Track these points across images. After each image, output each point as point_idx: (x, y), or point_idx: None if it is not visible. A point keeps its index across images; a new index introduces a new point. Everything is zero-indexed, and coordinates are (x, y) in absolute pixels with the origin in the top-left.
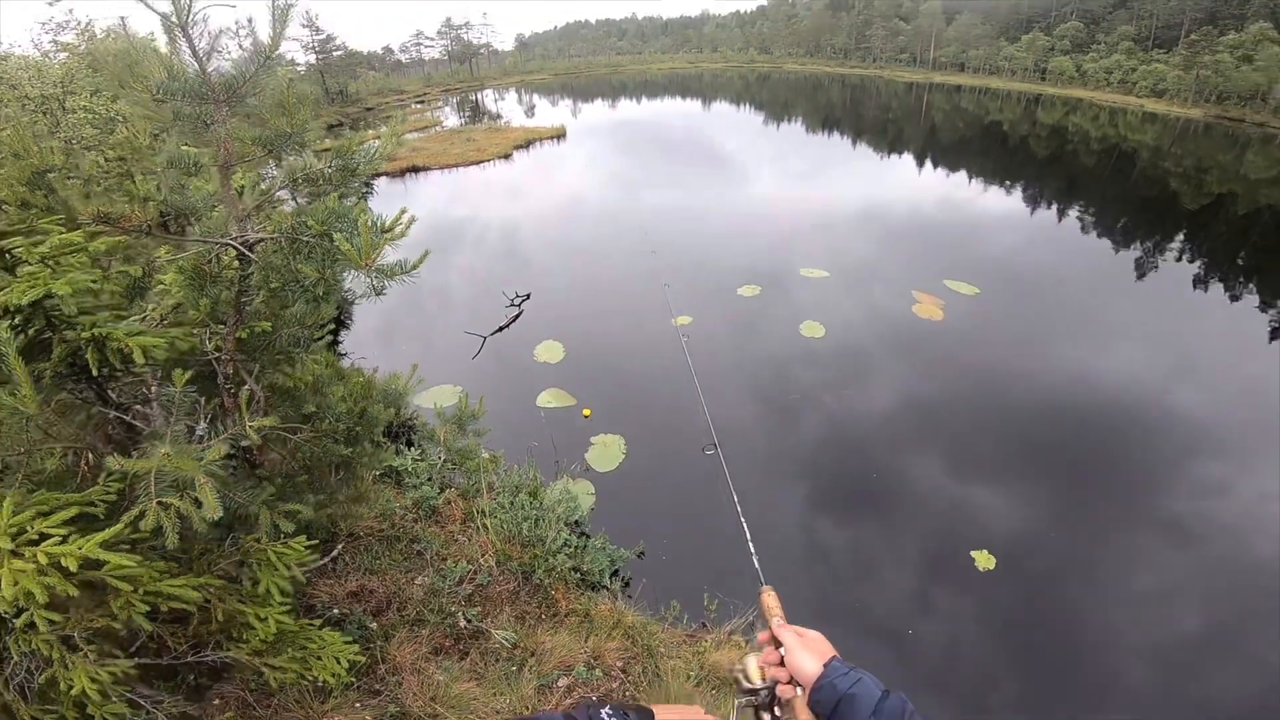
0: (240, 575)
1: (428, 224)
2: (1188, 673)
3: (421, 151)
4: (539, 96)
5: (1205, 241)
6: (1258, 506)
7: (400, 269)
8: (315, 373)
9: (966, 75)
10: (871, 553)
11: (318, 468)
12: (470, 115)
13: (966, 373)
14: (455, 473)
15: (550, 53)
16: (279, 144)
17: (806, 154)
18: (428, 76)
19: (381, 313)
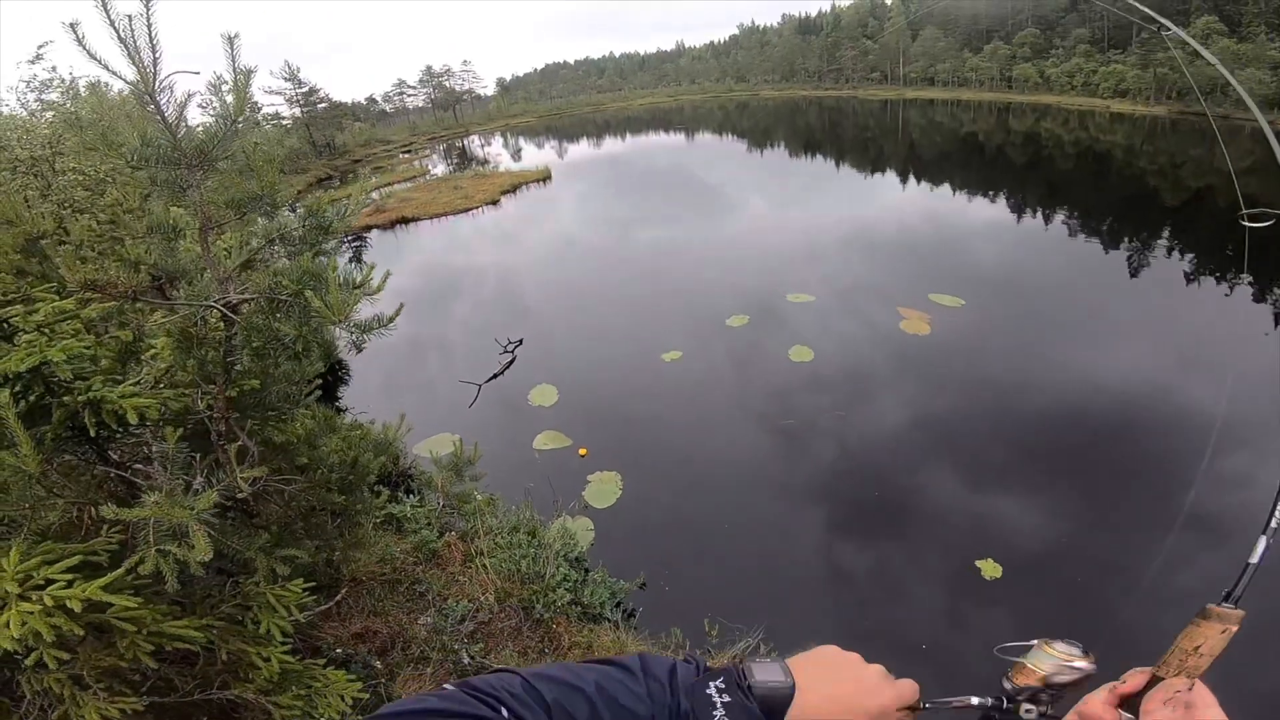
0: (244, 617)
1: (421, 275)
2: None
3: (410, 202)
4: (524, 139)
5: (1192, 235)
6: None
7: (378, 323)
8: (308, 426)
9: (937, 89)
10: (881, 569)
11: (314, 516)
12: (457, 162)
13: (956, 384)
14: (454, 516)
15: (532, 95)
16: (250, 206)
17: (790, 179)
18: (413, 125)
19: (380, 366)
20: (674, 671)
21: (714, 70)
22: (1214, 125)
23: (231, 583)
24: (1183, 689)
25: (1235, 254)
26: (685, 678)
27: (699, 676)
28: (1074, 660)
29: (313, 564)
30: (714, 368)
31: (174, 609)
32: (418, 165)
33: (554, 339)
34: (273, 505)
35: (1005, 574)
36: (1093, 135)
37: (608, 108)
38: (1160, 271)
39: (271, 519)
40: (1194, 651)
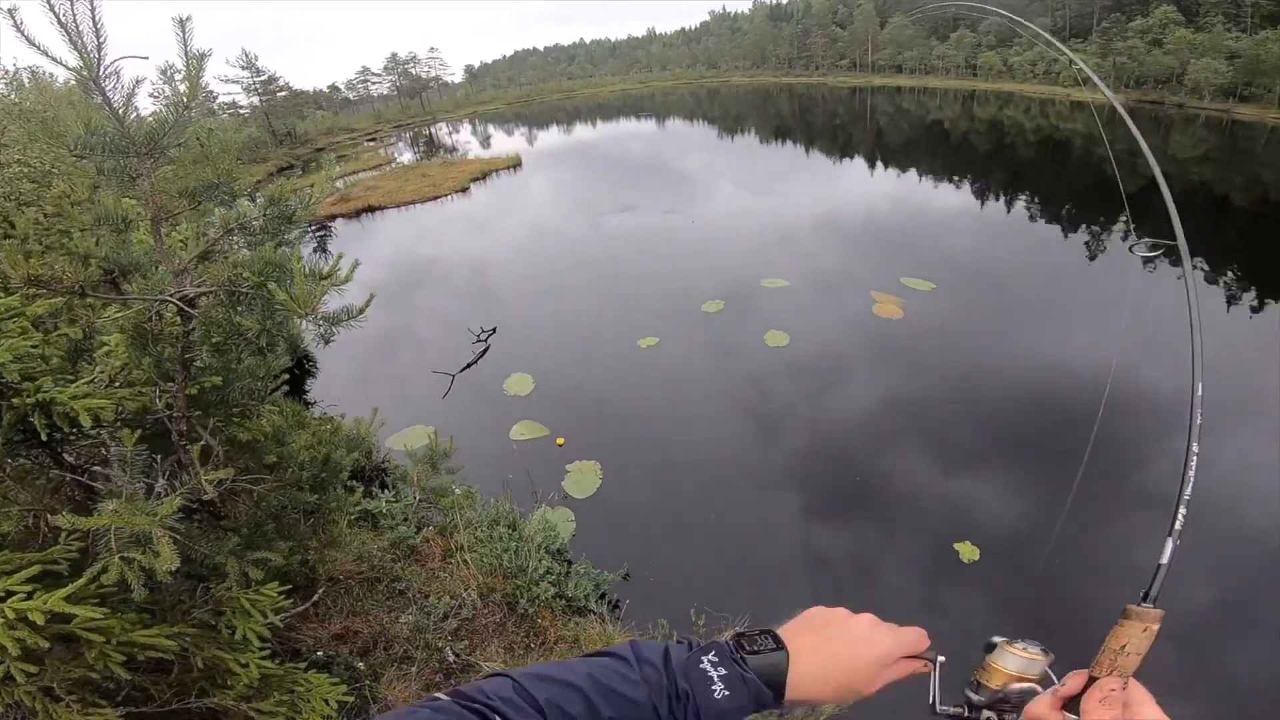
0: (217, 623)
1: (390, 264)
2: (1206, 646)
3: (376, 190)
4: (493, 127)
5: (1148, 221)
6: (1242, 476)
7: (347, 314)
8: (275, 423)
9: (904, 77)
10: (863, 554)
11: (285, 516)
12: (425, 150)
13: (930, 367)
14: (431, 511)
15: (501, 82)
16: (205, 195)
17: (762, 165)
18: (378, 113)
19: (351, 358)
20: (667, 654)
21: (685, 57)
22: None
23: (202, 588)
24: (1117, 688)
25: (1188, 236)
26: (679, 658)
27: (690, 654)
28: (1037, 658)
29: (288, 565)
30: (690, 354)
31: (143, 617)
32: (384, 153)
33: (528, 327)
34: (242, 506)
35: (983, 556)
36: (1053, 123)
37: (578, 94)
38: (1118, 255)
39: (241, 521)
40: (1121, 651)
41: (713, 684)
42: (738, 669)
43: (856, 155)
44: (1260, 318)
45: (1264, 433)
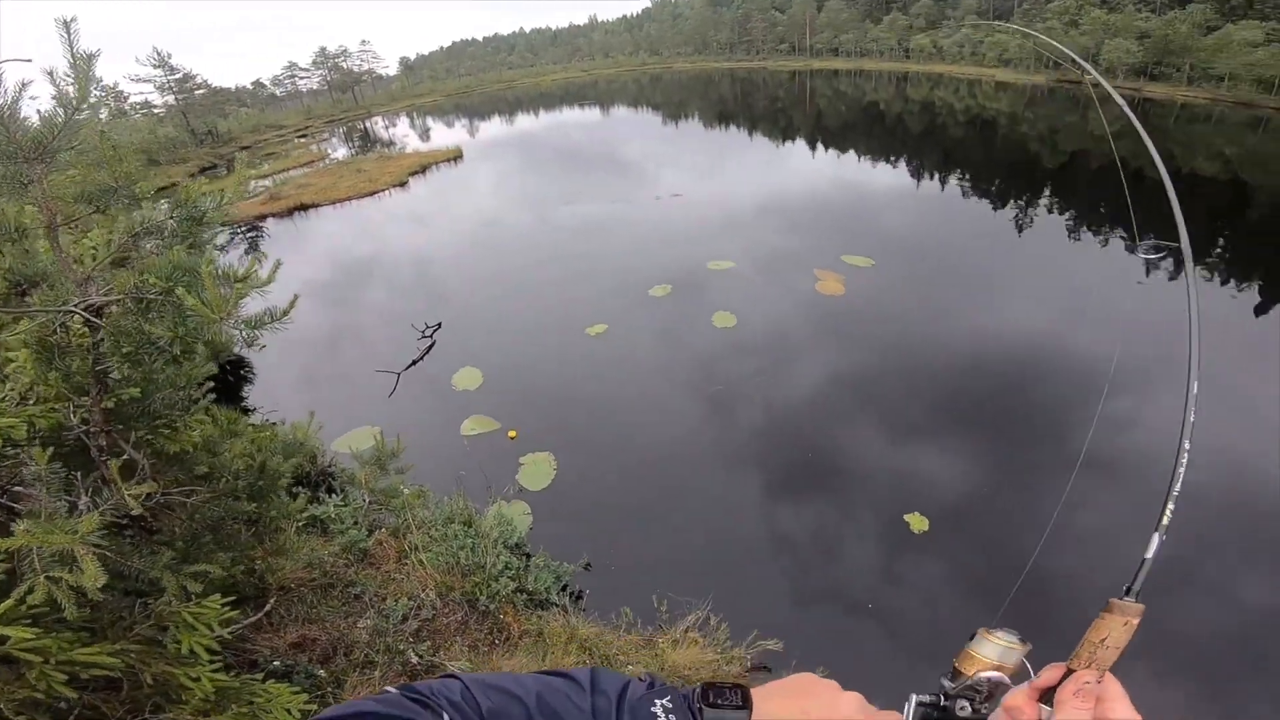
0: (163, 639)
1: (330, 262)
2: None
3: (308, 188)
4: (432, 119)
5: (1070, 195)
6: (1167, 433)
7: (270, 317)
8: (206, 433)
9: (841, 60)
10: (820, 530)
11: (224, 526)
12: (359, 145)
13: (873, 341)
14: (382, 513)
15: (438, 74)
16: (104, 199)
17: (706, 150)
18: (307, 109)
19: (292, 361)
20: (625, 689)
21: (627, 44)
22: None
23: (141, 604)
24: (1092, 680)
25: (1108, 210)
26: (633, 695)
27: (646, 693)
28: (1015, 647)
29: (231, 576)
30: (640, 339)
31: (81, 636)
32: (316, 150)
33: (475, 321)
34: (175, 519)
35: (932, 526)
36: (980, 103)
37: (519, 84)
38: (1043, 228)
39: (176, 534)
40: (1101, 644)
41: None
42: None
43: (798, 138)
44: (1175, 284)
45: (1177, 391)
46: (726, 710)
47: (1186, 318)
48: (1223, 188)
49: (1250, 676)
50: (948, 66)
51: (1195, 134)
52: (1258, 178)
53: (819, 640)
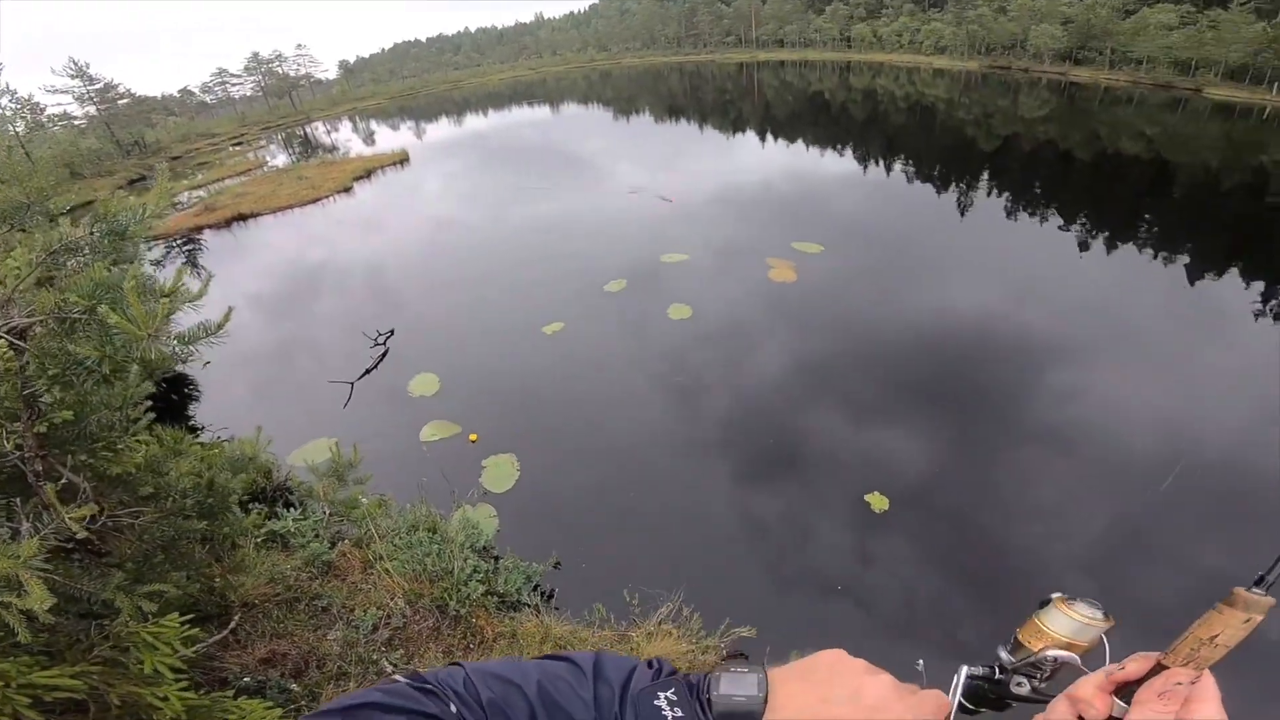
0: (126, 659)
1: (276, 272)
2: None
3: (246, 197)
4: (376, 122)
5: (1006, 177)
6: (1111, 402)
7: (203, 332)
8: (150, 452)
9: (786, 51)
10: (785, 515)
11: (175, 546)
12: (300, 151)
13: (827, 325)
14: (344, 524)
15: (381, 76)
16: (18, 216)
17: (657, 144)
18: (241, 116)
19: (243, 376)
20: (630, 676)
21: (575, 40)
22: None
23: (96, 626)
24: (1185, 681)
25: (1042, 190)
26: (637, 684)
27: (651, 684)
28: (1095, 623)
29: (190, 595)
30: (597, 335)
31: (40, 659)
32: (253, 157)
33: (430, 326)
34: (124, 541)
35: (893, 505)
36: (919, 90)
37: (466, 84)
38: (983, 209)
39: (126, 556)
40: (1209, 641)
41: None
42: (697, 710)
43: (748, 129)
44: (1107, 259)
45: (1117, 361)
46: (736, 700)
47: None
48: (1146, 167)
49: None
50: (888, 55)
51: (1119, 116)
52: (1178, 157)
53: (792, 624)
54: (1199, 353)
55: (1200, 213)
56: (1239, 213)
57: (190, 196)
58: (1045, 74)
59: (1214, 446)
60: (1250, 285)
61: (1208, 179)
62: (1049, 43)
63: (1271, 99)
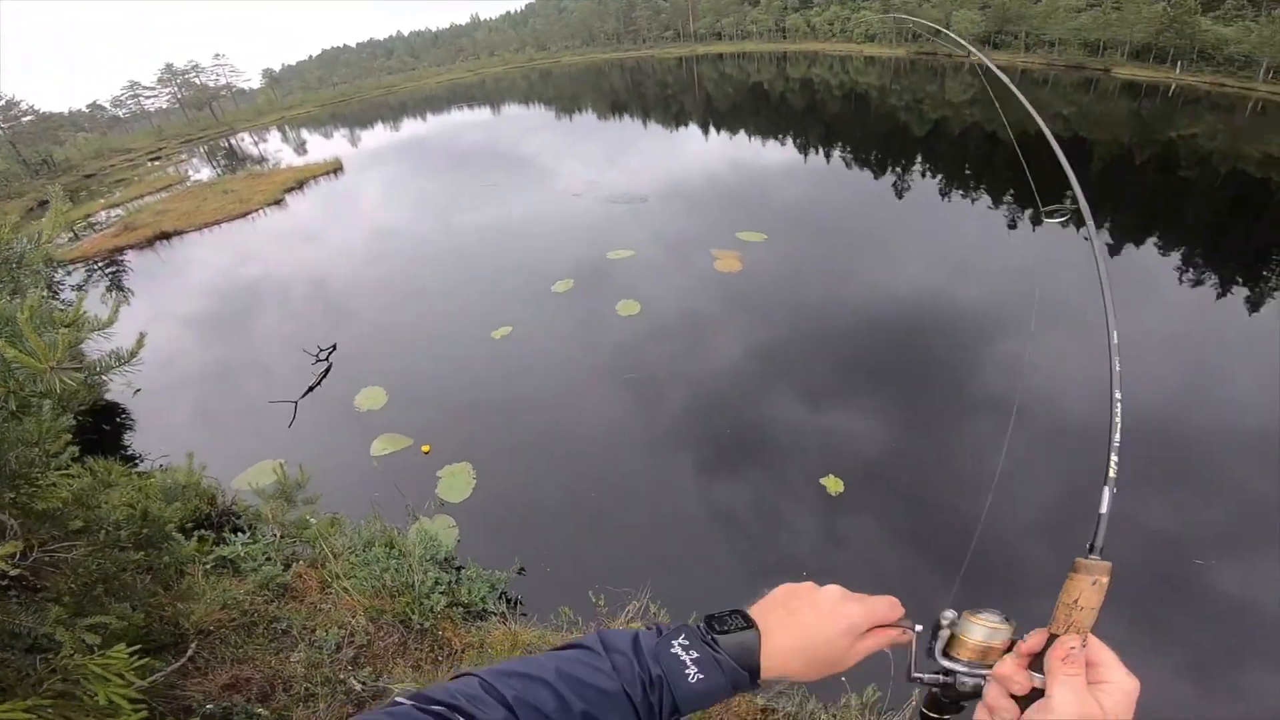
0: (78, 692)
1: (210, 291)
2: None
3: (168, 213)
4: (307, 131)
5: (938, 160)
6: (1053, 371)
7: (116, 360)
8: (79, 484)
9: (724, 43)
10: (744, 503)
11: (114, 577)
12: (225, 164)
13: (774, 312)
14: (297, 545)
15: (310, 84)
16: None
17: (602, 141)
18: (159, 129)
19: (182, 401)
20: (637, 641)
21: (513, 40)
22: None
23: (42, 659)
24: (1076, 645)
25: (971, 171)
26: (649, 643)
27: (660, 639)
28: (1000, 628)
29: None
30: (546, 336)
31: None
32: (173, 172)
33: (374, 338)
34: (60, 575)
35: (848, 487)
36: (853, 78)
37: (401, 89)
38: (919, 192)
39: (63, 590)
40: (1074, 606)
41: (686, 668)
42: (710, 651)
43: (690, 123)
44: (1034, 235)
45: (1051, 331)
46: (735, 634)
47: (1095, 272)
48: (1065, 145)
49: None
50: (821, 44)
51: (1037, 97)
52: (1094, 134)
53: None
54: (1125, 319)
55: (1118, 187)
56: (1153, 186)
57: (109, 215)
58: (968, 59)
59: (1146, 407)
60: (1168, 254)
61: (1122, 155)
62: (969, 27)
63: (1175, 77)
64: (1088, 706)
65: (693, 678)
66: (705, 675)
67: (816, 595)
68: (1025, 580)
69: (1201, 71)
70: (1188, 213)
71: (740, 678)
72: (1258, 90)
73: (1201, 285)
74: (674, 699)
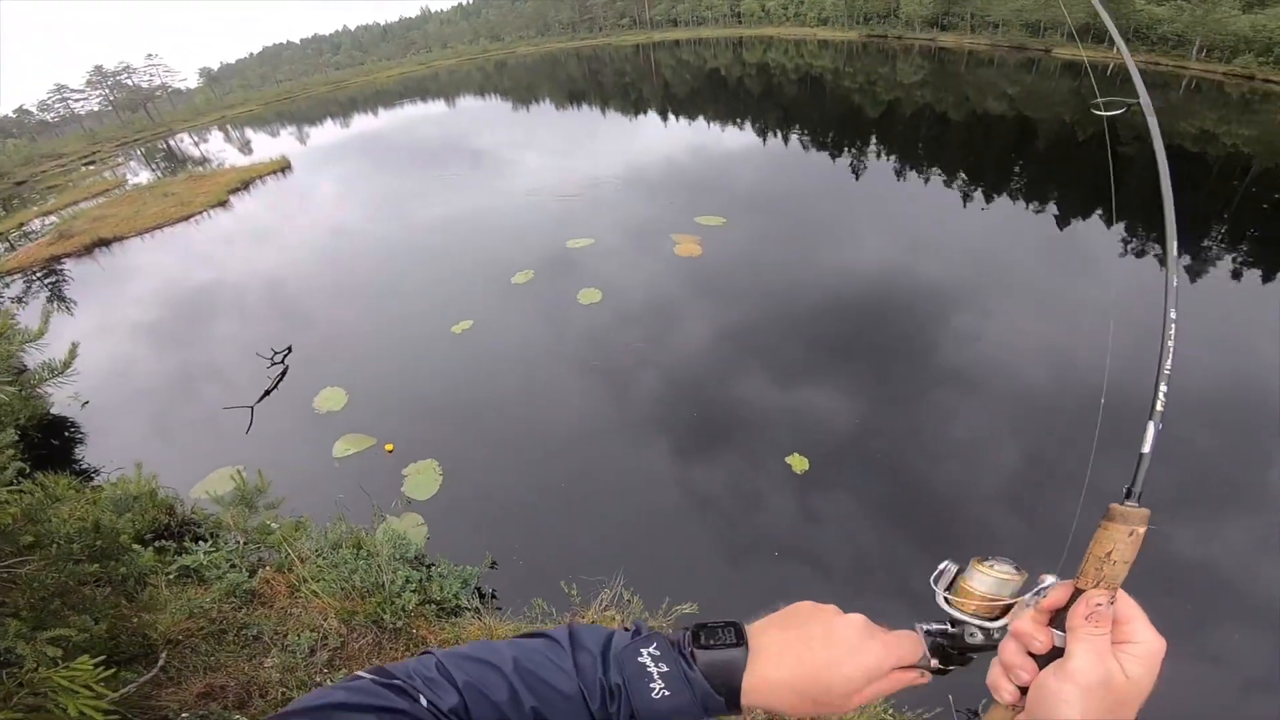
0: (49, 705)
1: (158, 298)
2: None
3: (106, 219)
4: (251, 130)
5: (891, 140)
6: (1010, 340)
7: (49, 371)
8: (27, 501)
9: (681, 30)
10: (712, 486)
11: (72, 590)
12: (165, 166)
13: (734, 295)
14: (261, 550)
15: (252, 81)
16: None
17: (560, 130)
18: (92, 133)
19: (135, 412)
20: (609, 642)
21: (466, 32)
22: None
23: (8, 673)
24: (1104, 601)
25: (924, 151)
26: (618, 646)
27: (630, 643)
28: (1010, 578)
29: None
30: (508, 328)
31: None
32: (110, 176)
33: (331, 338)
34: (16, 590)
35: (813, 465)
36: (808, 62)
37: (350, 84)
38: (875, 172)
39: (20, 604)
40: (1106, 559)
41: (651, 681)
42: (682, 666)
43: (649, 110)
44: (986, 210)
45: (1006, 302)
46: (718, 650)
47: (1161, 202)
48: (1011, 124)
49: None
50: (776, 29)
51: (984, 78)
52: (1038, 113)
53: (732, 594)
54: (1075, 288)
55: (1062, 163)
56: (1095, 162)
57: (43, 223)
58: (917, 41)
59: (1094, 369)
60: (1112, 227)
61: (1065, 132)
62: (918, 10)
63: (1112, 56)
64: (1110, 669)
65: (657, 693)
66: (671, 692)
67: (835, 626)
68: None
69: (1137, 51)
70: (1128, 187)
71: (714, 702)
72: (1190, 68)
73: (1145, 255)
74: (633, 712)
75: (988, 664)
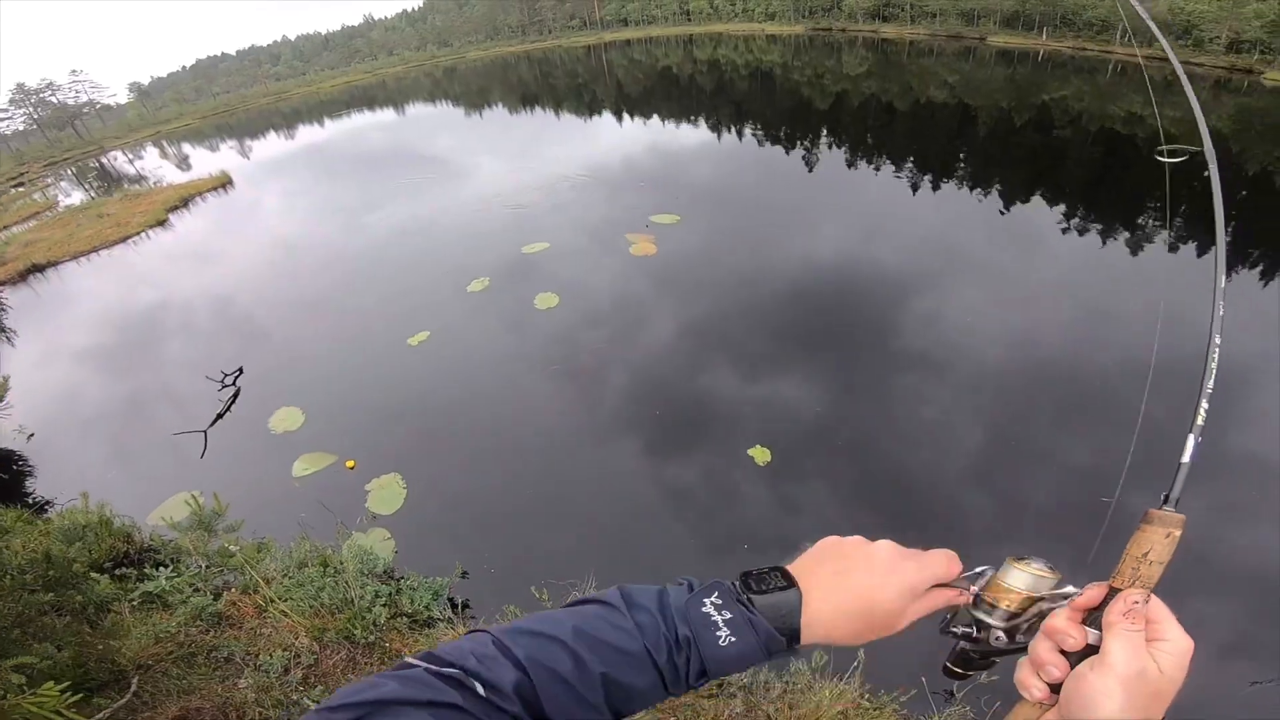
0: None
1: (101, 324)
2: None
3: (38, 244)
4: (189, 145)
5: (841, 131)
6: (968, 321)
7: None
8: None
9: (631, 29)
10: (677, 483)
11: (30, 619)
12: (98, 186)
13: (692, 292)
14: (225, 573)
15: (186, 95)
16: None
17: (515, 134)
18: (18, 154)
19: (86, 442)
20: (663, 597)
21: (412, 39)
22: None
23: None
24: (1140, 599)
25: (873, 141)
26: (677, 601)
27: (690, 595)
28: (1046, 575)
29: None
30: (465, 337)
31: None
32: (40, 198)
33: (285, 357)
34: None
35: (775, 456)
36: (758, 57)
37: (293, 95)
38: (827, 163)
39: None
40: (1144, 559)
41: (717, 629)
42: (744, 611)
43: (603, 110)
44: (935, 196)
45: (959, 285)
46: (775, 594)
47: (1214, 213)
48: (953, 112)
49: None
50: (725, 25)
51: (925, 67)
52: (977, 100)
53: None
54: (1023, 268)
55: (1002, 149)
56: (1033, 146)
57: None
58: (860, 32)
59: (1048, 346)
60: (1053, 207)
61: (1003, 118)
62: (860, 1)
63: (1043, 43)
64: (1145, 663)
65: (724, 640)
66: (738, 638)
67: (868, 552)
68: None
69: (1064, 37)
70: (1066, 169)
71: (776, 642)
72: (1116, 53)
73: (1087, 233)
74: (702, 662)
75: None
